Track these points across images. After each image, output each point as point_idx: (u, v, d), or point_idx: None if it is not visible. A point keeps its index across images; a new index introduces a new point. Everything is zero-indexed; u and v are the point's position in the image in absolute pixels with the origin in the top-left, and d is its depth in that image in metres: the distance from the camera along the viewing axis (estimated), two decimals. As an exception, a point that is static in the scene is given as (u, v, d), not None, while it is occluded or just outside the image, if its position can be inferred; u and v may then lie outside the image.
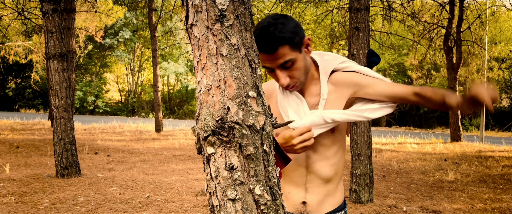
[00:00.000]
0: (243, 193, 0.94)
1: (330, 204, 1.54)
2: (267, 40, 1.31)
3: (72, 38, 9.62)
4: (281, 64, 1.35)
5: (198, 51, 0.95)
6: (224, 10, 0.92)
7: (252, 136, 0.94)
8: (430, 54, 13.73)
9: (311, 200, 1.52)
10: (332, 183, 1.53)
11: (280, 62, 1.35)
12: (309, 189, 1.52)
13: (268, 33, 1.31)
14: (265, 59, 1.36)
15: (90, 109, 26.86)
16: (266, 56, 1.34)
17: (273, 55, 1.33)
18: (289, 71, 1.38)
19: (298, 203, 1.52)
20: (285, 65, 1.36)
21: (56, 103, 5.26)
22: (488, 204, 4.99)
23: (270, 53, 1.33)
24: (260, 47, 1.31)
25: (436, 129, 23.14)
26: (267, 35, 1.31)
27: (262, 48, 1.32)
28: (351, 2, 4.82)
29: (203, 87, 0.95)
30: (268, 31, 1.31)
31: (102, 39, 22.13)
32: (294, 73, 1.38)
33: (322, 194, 1.52)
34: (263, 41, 1.31)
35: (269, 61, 1.35)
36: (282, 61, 1.35)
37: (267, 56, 1.34)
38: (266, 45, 1.31)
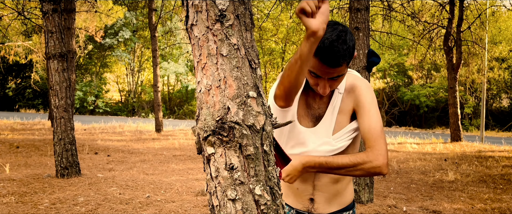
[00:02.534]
0: (243, 193, 0.94)
1: (338, 204, 1.56)
2: (334, 56, 1.31)
3: (72, 38, 9.62)
4: (332, 77, 1.38)
5: (198, 51, 0.95)
6: (224, 10, 0.92)
7: (252, 136, 0.94)
8: (430, 54, 13.73)
9: (319, 198, 1.54)
10: (341, 182, 1.56)
11: (334, 75, 1.37)
12: (317, 186, 1.53)
13: (336, 49, 1.31)
14: (321, 69, 1.35)
15: (90, 109, 26.85)
16: (324, 67, 1.34)
17: (332, 69, 1.34)
18: (333, 82, 1.40)
19: (305, 200, 1.54)
20: (334, 78, 1.38)
21: (56, 103, 5.26)
22: (488, 204, 4.98)
23: (331, 67, 1.33)
24: (324, 60, 1.32)
25: (436, 129, 23.14)
26: (336, 51, 1.31)
27: (326, 61, 1.32)
28: (351, 2, 4.82)
29: (203, 87, 0.95)
30: (338, 47, 1.30)
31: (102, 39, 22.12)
32: (336, 84, 1.42)
33: (331, 193, 1.54)
34: (330, 55, 1.31)
35: (324, 72, 1.36)
36: (336, 75, 1.37)
37: (326, 68, 1.34)
38: (332, 60, 1.31)
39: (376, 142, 1.40)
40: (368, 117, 1.44)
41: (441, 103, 24.61)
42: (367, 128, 1.43)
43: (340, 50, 1.30)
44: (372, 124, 1.43)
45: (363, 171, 1.39)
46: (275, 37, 17.06)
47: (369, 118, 1.44)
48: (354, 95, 1.50)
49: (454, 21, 12.14)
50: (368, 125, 1.43)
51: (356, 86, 1.50)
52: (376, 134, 1.41)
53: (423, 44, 13.47)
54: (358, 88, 1.50)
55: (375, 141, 1.40)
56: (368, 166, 1.38)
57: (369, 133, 1.41)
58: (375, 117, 1.44)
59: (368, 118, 1.44)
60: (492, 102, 25.18)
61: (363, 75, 4.65)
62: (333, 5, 12.23)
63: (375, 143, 1.40)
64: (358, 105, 1.48)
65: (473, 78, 16.29)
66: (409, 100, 24.82)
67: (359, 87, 1.50)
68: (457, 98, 12.16)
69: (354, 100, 1.50)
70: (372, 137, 1.41)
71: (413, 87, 24.59)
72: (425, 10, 13.25)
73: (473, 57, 14.82)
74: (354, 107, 1.50)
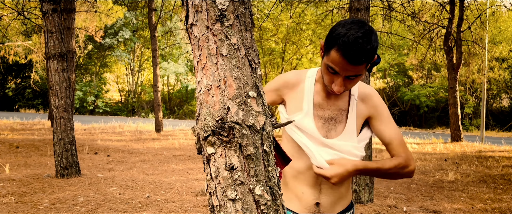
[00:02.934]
0: (243, 193, 0.93)
1: (341, 205, 1.57)
2: (358, 53, 1.28)
3: (72, 38, 9.61)
4: (350, 76, 1.35)
5: (198, 51, 0.95)
6: (224, 10, 0.92)
7: (252, 136, 0.94)
8: (430, 54, 13.73)
9: (324, 201, 1.54)
10: (345, 185, 1.57)
11: (352, 74, 1.34)
12: (323, 190, 1.54)
13: (361, 47, 1.28)
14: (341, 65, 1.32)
15: (90, 109, 26.86)
16: (345, 63, 1.31)
17: (352, 67, 1.31)
18: (349, 81, 1.38)
19: (311, 204, 1.54)
20: (351, 77, 1.36)
21: (56, 103, 5.25)
22: (488, 204, 4.98)
23: (352, 64, 1.30)
24: (346, 56, 1.29)
25: (436, 129, 23.14)
26: (360, 48, 1.28)
27: (348, 58, 1.29)
28: (351, 2, 4.82)
29: (203, 87, 0.95)
30: (363, 45, 1.28)
31: (102, 39, 22.13)
32: (350, 84, 1.40)
33: (336, 196, 1.55)
34: (354, 52, 1.28)
35: (343, 69, 1.33)
36: (354, 73, 1.34)
37: (346, 64, 1.31)
38: (355, 57, 1.29)
39: (405, 148, 1.50)
40: (392, 125, 1.52)
41: (441, 103, 24.62)
42: (393, 135, 1.50)
43: (363, 48, 1.28)
44: (397, 131, 1.52)
45: (400, 174, 1.49)
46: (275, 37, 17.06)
47: (393, 126, 1.52)
48: (370, 103, 1.52)
49: (454, 21, 12.14)
50: (394, 132, 1.51)
51: (372, 95, 1.53)
52: (403, 141, 1.51)
53: (423, 44, 13.47)
54: (374, 96, 1.53)
55: (404, 147, 1.50)
56: (407, 170, 1.48)
57: (397, 140, 1.50)
58: (396, 125, 1.53)
59: (392, 126, 1.52)
60: (492, 102, 25.19)
61: (363, 76, 4.64)
62: (333, 5, 12.23)
63: (405, 149, 1.50)
64: (377, 113, 1.52)
65: (473, 78, 16.29)
66: (409, 100, 24.82)
67: (374, 95, 1.53)
68: (457, 98, 12.16)
69: (370, 108, 1.52)
70: (401, 144, 1.50)
71: (413, 87, 24.60)
72: (425, 10, 13.25)
73: (473, 57, 14.83)
74: (370, 114, 1.52)
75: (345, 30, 1.30)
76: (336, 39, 1.31)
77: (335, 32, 1.32)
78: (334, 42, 1.32)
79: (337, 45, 1.30)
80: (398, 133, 1.51)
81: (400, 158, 1.47)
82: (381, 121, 1.51)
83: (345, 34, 1.29)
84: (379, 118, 1.51)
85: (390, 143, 1.50)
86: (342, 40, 1.29)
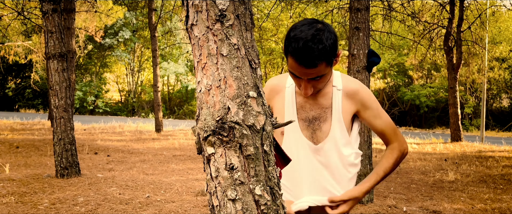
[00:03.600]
0: (243, 193, 0.93)
1: None
2: (309, 56, 1.27)
3: (72, 38, 9.61)
4: (313, 78, 1.35)
5: (198, 51, 0.95)
6: (224, 10, 0.92)
7: (252, 136, 0.94)
8: (430, 54, 13.73)
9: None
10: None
11: (313, 76, 1.34)
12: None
13: (311, 50, 1.27)
14: (298, 70, 1.33)
15: (90, 109, 26.85)
16: (301, 68, 1.31)
17: (309, 70, 1.31)
18: (316, 82, 1.38)
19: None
20: (314, 78, 1.36)
21: (56, 104, 5.25)
22: (488, 204, 4.98)
23: (307, 68, 1.30)
24: (299, 61, 1.29)
25: (436, 129, 23.14)
26: (311, 51, 1.27)
27: (301, 62, 1.29)
28: (351, 2, 4.82)
29: (203, 87, 0.95)
30: (312, 47, 1.27)
31: (102, 39, 22.12)
32: (319, 84, 1.40)
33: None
34: (304, 56, 1.28)
35: (302, 73, 1.33)
36: (315, 75, 1.34)
37: (302, 68, 1.31)
38: (307, 61, 1.28)
39: (397, 133, 1.56)
40: (383, 114, 1.55)
41: (441, 103, 24.61)
42: (385, 124, 1.54)
43: (314, 50, 1.27)
44: (388, 119, 1.55)
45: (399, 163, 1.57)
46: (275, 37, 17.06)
47: (384, 115, 1.55)
48: (357, 98, 1.51)
49: (454, 21, 12.13)
50: (385, 121, 1.54)
51: (358, 89, 1.52)
52: (394, 127, 1.56)
53: (423, 44, 13.46)
54: (360, 91, 1.52)
55: (396, 133, 1.56)
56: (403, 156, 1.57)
57: (389, 129, 1.55)
58: (386, 114, 1.56)
59: (383, 115, 1.55)
60: (492, 103, 25.18)
61: (363, 75, 4.64)
62: (333, 5, 12.23)
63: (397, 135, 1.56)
64: (365, 107, 1.52)
65: (473, 78, 16.29)
66: (409, 100, 24.81)
67: (361, 90, 1.53)
68: (457, 99, 12.15)
69: (357, 103, 1.52)
70: (392, 131, 1.55)
71: (413, 87, 24.59)
72: (425, 10, 13.24)
73: (473, 57, 14.83)
74: (358, 109, 1.52)
75: (295, 35, 1.30)
76: (288, 45, 1.31)
77: (288, 38, 1.32)
78: (287, 49, 1.32)
79: (290, 52, 1.31)
80: (389, 121, 1.55)
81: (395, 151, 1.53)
82: (371, 114, 1.52)
83: (295, 39, 1.29)
84: (368, 112, 1.52)
85: (383, 133, 1.55)
86: (292, 46, 1.29)
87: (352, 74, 4.70)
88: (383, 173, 1.51)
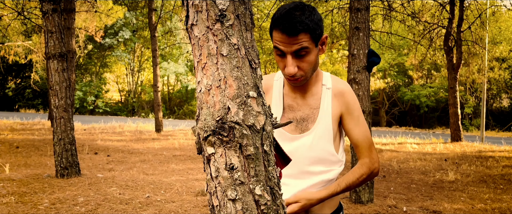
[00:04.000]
0: (243, 193, 0.93)
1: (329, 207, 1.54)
2: (291, 22, 1.28)
3: (72, 38, 9.61)
4: (296, 51, 1.32)
5: (198, 51, 0.95)
6: (225, 10, 0.92)
7: (252, 136, 0.94)
8: (430, 54, 13.73)
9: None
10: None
11: (296, 48, 1.31)
12: None
13: (294, 16, 1.28)
14: (282, 41, 1.31)
15: (90, 109, 26.86)
16: (284, 37, 1.30)
17: (291, 38, 1.30)
18: (300, 61, 1.35)
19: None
20: (299, 53, 1.33)
21: (56, 104, 5.25)
22: (488, 204, 4.98)
23: (290, 35, 1.29)
24: (282, 28, 1.29)
25: (436, 129, 23.14)
26: (293, 17, 1.28)
27: (284, 29, 1.29)
28: (351, 2, 4.82)
29: (203, 87, 0.95)
30: (295, 14, 1.29)
31: (102, 39, 22.12)
32: (304, 65, 1.35)
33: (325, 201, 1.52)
34: (288, 22, 1.28)
35: (285, 44, 1.31)
36: (298, 47, 1.31)
37: (285, 38, 1.30)
38: (290, 26, 1.28)
39: (371, 150, 1.48)
40: (362, 124, 1.48)
41: (441, 103, 24.62)
42: (362, 136, 1.47)
43: (296, 17, 1.28)
44: (366, 132, 1.48)
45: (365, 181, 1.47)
46: (275, 37, 17.05)
47: (363, 126, 1.48)
48: (343, 99, 1.48)
49: (455, 21, 12.13)
50: (363, 132, 1.47)
51: (345, 91, 1.49)
52: (370, 142, 1.48)
53: (423, 44, 13.47)
54: (347, 93, 1.49)
55: (371, 149, 1.48)
56: (372, 176, 1.47)
57: (365, 142, 1.47)
58: (366, 125, 1.50)
59: (362, 126, 1.48)
60: (492, 103, 25.19)
61: (363, 75, 4.64)
62: (333, 5, 12.23)
63: (371, 151, 1.48)
64: (348, 111, 1.47)
65: (474, 78, 16.29)
66: (409, 100, 24.82)
67: (348, 92, 1.49)
68: (457, 98, 12.16)
69: (342, 104, 1.48)
70: (367, 146, 1.47)
71: (413, 87, 24.60)
72: (425, 10, 13.24)
73: (473, 57, 14.83)
74: (343, 111, 1.48)
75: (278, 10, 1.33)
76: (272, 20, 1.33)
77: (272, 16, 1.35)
78: (272, 24, 1.33)
79: (273, 23, 1.32)
80: (367, 134, 1.48)
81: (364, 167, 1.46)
82: (351, 120, 1.47)
83: (278, 11, 1.32)
84: (350, 117, 1.47)
85: (357, 145, 1.48)
86: (275, 17, 1.31)
87: (352, 74, 4.70)
88: (345, 185, 1.43)
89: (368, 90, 4.69)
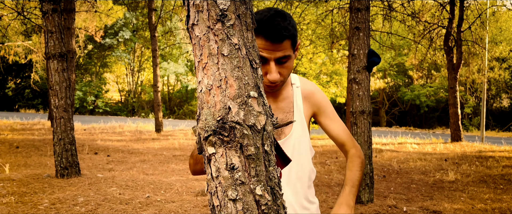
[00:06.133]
0: (244, 193, 0.93)
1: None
2: (276, 29, 1.28)
3: (72, 38, 9.61)
4: (279, 58, 1.33)
5: (199, 51, 0.95)
6: (225, 10, 0.92)
7: (253, 136, 0.94)
8: (430, 54, 13.73)
9: None
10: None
11: (280, 55, 1.32)
12: None
13: (277, 22, 1.28)
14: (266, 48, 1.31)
15: (90, 109, 26.86)
16: (269, 44, 1.30)
17: (276, 45, 1.30)
18: (281, 68, 1.35)
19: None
20: (281, 60, 1.33)
21: (56, 104, 5.25)
22: (488, 204, 4.98)
23: (274, 42, 1.29)
24: (267, 35, 1.28)
25: (436, 129, 23.14)
26: (278, 24, 1.28)
27: (269, 36, 1.28)
28: (351, 2, 4.82)
29: (204, 87, 0.95)
30: (278, 20, 1.29)
31: (102, 39, 22.13)
32: (284, 71, 1.36)
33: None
34: (273, 29, 1.27)
35: (269, 50, 1.31)
36: (282, 54, 1.32)
37: (270, 45, 1.30)
38: (275, 33, 1.28)
39: (353, 139, 1.54)
40: (337, 119, 1.54)
41: (441, 103, 24.63)
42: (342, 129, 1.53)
43: (280, 24, 1.28)
44: (342, 124, 1.54)
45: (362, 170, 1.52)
46: (275, 37, 17.06)
47: (338, 120, 1.54)
48: (312, 100, 1.51)
49: (455, 21, 12.13)
50: (341, 125, 1.53)
51: (313, 91, 1.52)
52: (349, 134, 1.53)
53: (423, 44, 13.47)
54: (316, 93, 1.53)
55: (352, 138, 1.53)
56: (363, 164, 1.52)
57: (346, 133, 1.53)
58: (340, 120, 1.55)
59: (338, 120, 1.54)
60: (492, 102, 25.20)
61: (363, 75, 4.64)
62: (333, 5, 12.23)
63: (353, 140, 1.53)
64: (320, 110, 1.52)
65: (474, 78, 16.29)
66: (409, 100, 24.83)
67: (316, 92, 1.53)
68: (458, 98, 12.16)
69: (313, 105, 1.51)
70: (349, 136, 1.52)
71: (413, 87, 24.60)
72: (425, 10, 13.24)
73: (473, 57, 14.83)
74: (315, 112, 1.52)
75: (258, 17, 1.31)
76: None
77: None
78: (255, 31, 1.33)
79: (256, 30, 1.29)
80: (344, 127, 1.53)
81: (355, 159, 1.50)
82: (326, 117, 1.52)
83: (260, 19, 1.30)
84: (324, 114, 1.52)
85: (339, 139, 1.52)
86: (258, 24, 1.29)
87: (352, 74, 4.70)
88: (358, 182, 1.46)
89: (368, 90, 4.69)
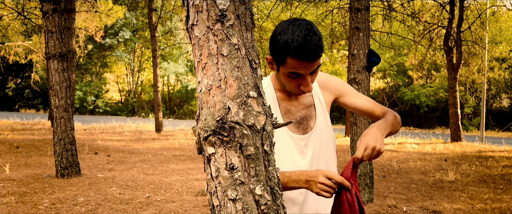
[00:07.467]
0: (243, 193, 0.94)
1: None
2: (313, 50, 1.29)
3: (72, 38, 9.61)
4: (313, 70, 1.36)
5: (198, 51, 0.95)
6: (225, 10, 0.92)
7: (252, 136, 0.94)
8: (430, 54, 13.72)
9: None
10: None
11: (314, 68, 1.35)
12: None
13: (313, 42, 1.29)
14: (303, 67, 1.32)
15: (90, 109, 26.85)
16: (306, 64, 1.31)
17: (312, 63, 1.32)
18: (313, 76, 1.40)
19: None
20: (314, 70, 1.37)
21: (56, 104, 5.25)
22: (488, 204, 4.98)
23: (311, 61, 1.31)
24: (304, 55, 1.28)
25: (436, 129, 23.13)
26: (314, 44, 1.29)
27: (306, 56, 1.29)
28: (351, 2, 4.82)
29: (204, 87, 0.95)
30: (312, 40, 1.29)
31: (102, 39, 22.11)
32: (314, 77, 1.41)
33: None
34: (309, 50, 1.28)
35: (305, 68, 1.33)
36: (316, 67, 1.35)
37: (307, 64, 1.31)
38: (312, 53, 1.29)
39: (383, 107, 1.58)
40: (360, 94, 1.61)
41: (441, 103, 24.61)
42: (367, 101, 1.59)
43: (315, 42, 1.29)
44: (366, 98, 1.60)
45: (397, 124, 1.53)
46: (275, 37, 17.04)
47: (361, 95, 1.60)
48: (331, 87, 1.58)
49: (454, 21, 12.13)
50: (366, 98, 1.60)
51: (328, 79, 1.60)
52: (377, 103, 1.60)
53: (423, 44, 13.46)
54: (331, 79, 1.60)
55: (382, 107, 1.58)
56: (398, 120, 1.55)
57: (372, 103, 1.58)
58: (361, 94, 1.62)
59: (361, 95, 1.60)
60: (492, 103, 25.19)
61: (363, 75, 4.64)
62: (333, 5, 12.23)
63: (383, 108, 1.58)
64: (340, 92, 1.59)
65: (473, 78, 16.28)
66: (409, 100, 24.81)
67: (331, 78, 1.60)
68: (457, 98, 12.15)
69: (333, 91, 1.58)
70: (375, 104, 1.58)
71: (413, 87, 24.59)
72: (425, 10, 13.24)
73: (473, 57, 14.82)
74: (335, 96, 1.59)
75: (289, 36, 1.30)
76: (286, 48, 1.30)
77: (280, 42, 1.31)
78: (286, 51, 1.31)
79: (290, 53, 1.30)
80: (368, 99, 1.60)
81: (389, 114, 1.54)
82: (348, 96, 1.58)
83: (293, 39, 1.29)
84: (345, 95, 1.59)
85: (369, 110, 1.57)
86: (293, 46, 1.28)
87: (352, 74, 4.70)
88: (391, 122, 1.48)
89: (368, 90, 4.69)
